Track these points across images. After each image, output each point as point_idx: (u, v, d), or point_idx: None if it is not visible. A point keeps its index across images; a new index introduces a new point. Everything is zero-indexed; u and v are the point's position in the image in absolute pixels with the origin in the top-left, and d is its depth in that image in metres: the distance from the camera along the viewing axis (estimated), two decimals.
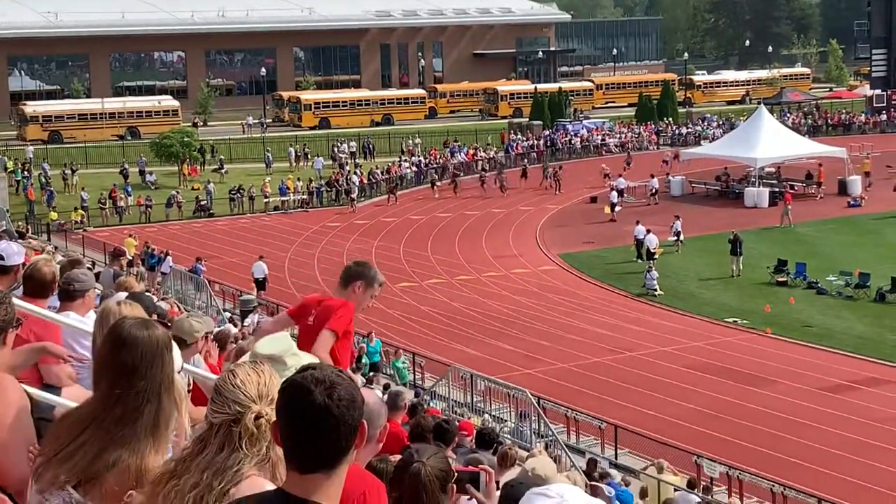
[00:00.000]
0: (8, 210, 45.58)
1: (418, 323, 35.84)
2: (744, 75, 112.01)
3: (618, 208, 54.33)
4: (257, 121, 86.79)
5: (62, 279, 6.56)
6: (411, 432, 9.13)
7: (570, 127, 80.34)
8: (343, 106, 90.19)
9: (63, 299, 6.53)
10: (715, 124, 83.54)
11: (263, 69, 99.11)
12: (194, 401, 5.50)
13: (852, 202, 56.33)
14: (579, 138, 78.17)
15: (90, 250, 44.35)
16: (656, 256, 42.79)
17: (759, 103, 72.90)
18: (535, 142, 76.31)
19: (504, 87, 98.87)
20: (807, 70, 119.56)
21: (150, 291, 14.98)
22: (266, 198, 59.45)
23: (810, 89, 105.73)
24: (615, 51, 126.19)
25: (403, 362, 28.79)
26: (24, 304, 5.42)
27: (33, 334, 5.47)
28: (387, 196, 60.93)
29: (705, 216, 53.31)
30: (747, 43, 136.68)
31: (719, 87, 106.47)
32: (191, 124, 79.93)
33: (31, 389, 4.41)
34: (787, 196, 53.39)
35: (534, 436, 22.90)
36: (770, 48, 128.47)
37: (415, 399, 18.20)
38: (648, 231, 43.91)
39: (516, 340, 33.88)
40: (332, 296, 6.96)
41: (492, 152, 72.33)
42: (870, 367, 31.22)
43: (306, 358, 5.17)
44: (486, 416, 24.26)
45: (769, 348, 33.01)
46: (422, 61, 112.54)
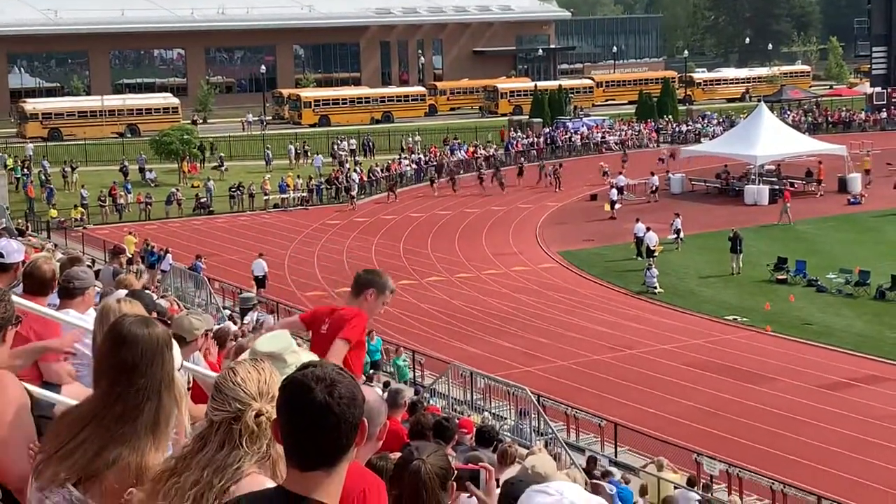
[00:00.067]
0: (8, 207, 45.54)
1: (418, 321, 35.83)
2: (744, 73, 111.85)
3: (618, 206, 54.31)
4: (257, 118, 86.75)
5: (62, 277, 6.56)
6: (411, 430, 9.14)
7: (570, 124, 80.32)
8: (343, 103, 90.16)
9: (63, 297, 6.53)
10: (715, 122, 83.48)
11: (263, 66, 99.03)
12: (194, 398, 5.50)
13: (852, 200, 56.32)
14: (579, 136, 78.12)
15: (90, 248, 44.34)
16: (656, 254, 42.77)
17: (759, 101, 72.83)
18: (535, 139, 76.30)
19: (504, 84, 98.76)
20: (807, 67, 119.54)
21: (149, 289, 14.97)
22: (266, 195, 59.42)
23: (810, 87, 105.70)
24: (615, 48, 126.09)
25: (404, 360, 28.79)
26: (24, 301, 5.42)
27: (33, 332, 5.47)
28: (386, 194, 60.94)
29: (705, 214, 53.29)
30: (747, 40, 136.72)
31: (719, 84, 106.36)
32: (190, 122, 79.93)
33: (31, 387, 4.41)
34: (786, 194, 53.38)
35: (534, 433, 22.90)
36: (770, 46, 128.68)
37: (415, 397, 18.19)
38: (648, 229, 43.88)
39: (516, 338, 33.87)
40: (344, 305, 7.03)
41: (491, 150, 72.30)
42: (869, 364, 31.22)
43: (306, 355, 5.17)
44: (486, 413, 24.25)
45: (769, 346, 33.01)
46: (422, 59, 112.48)
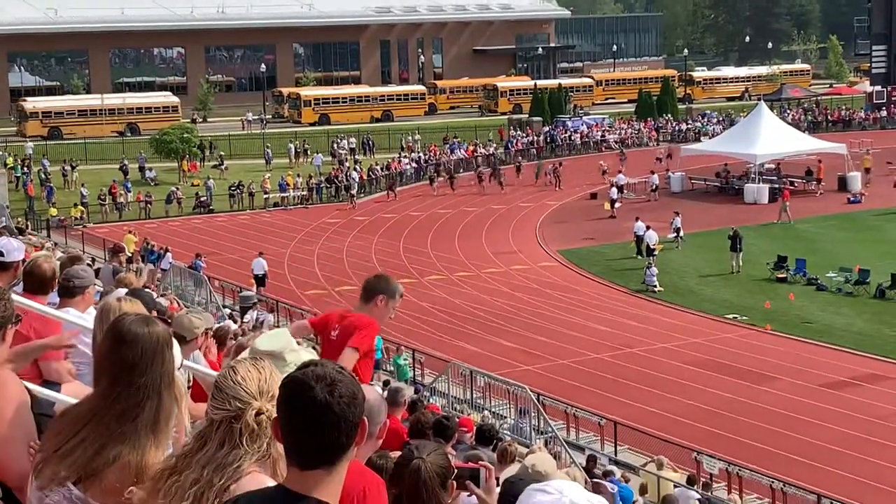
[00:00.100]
0: (8, 206, 45.52)
1: (418, 319, 35.80)
2: (744, 72, 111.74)
3: (617, 205, 54.33)
4: (257, 117, 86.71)
5: (62, 276, 6.56)
6: (411, 429, 9.14)
7: (569, 123, 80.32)
8: (343, 102, 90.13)
9: (63, 296, 6.54)
10: (715, 121, 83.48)
11: (263, 65, 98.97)
12: (194, 397, 5.51)
13: (852, 198, 56.33)
14: (579, 135, 78.15)
15: (90, 246, 44.38)
16: (656, 253, 42.76)
17: (758, 100, 72.88)
18: (535, 138, 76.28)
19: (504, 83, 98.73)
20: (807, 66, 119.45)
21: (148, 287, 14.96)
22: (266, 194, 59.43)
23: (810, 86, 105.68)
24: (615, 47, 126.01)
25: (405, 359, 28.77)
26: (24, 300, 5.43)
27: (33, 330, 5.47)
28: (386, 192, 60.93)
29: (705, 212, 53.29)
30: (747, 39, 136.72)
31: (719, 83, 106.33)
32: (190, 120, 79.91)
33: (31, 386, 4.41)
34: (785, 193, 53.36)
35: (533, 432, 22.87)
36: (770, 44, 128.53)
37: (414, 395, 18.18)
38: (648, 227, 43.87)
39: (516, 337, 33.88)
40: (355, 311, 7.02)
41: (491, 149, 72.27)
42: (869, 363, 31.21)
43: (305, 354, 5.17)
44: (486, 412, 24.25)
45: (769, 345, 33.01)
46: (421, 57, 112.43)
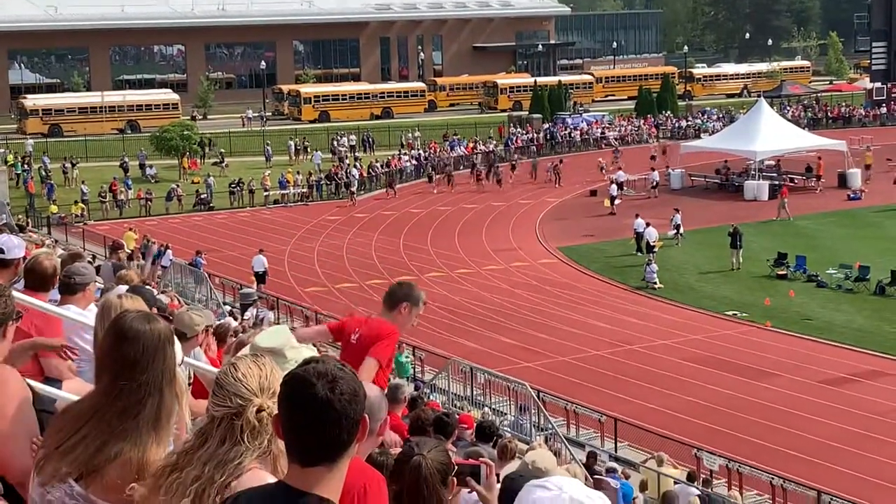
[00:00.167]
0: (8, 203, 45.54)
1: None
2: (743, 68, 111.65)
3: (617, 201, 54.33)
4: (257, 114, 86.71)
5: (63, 273, 6.57)
6: (411, 425, 9.14)
7: (569, 120, 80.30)
8: (343, 99, 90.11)
9: (64, 293, 6.54)
10: (715, 117, 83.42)
11: (263, 62, 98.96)
12: (195, 394, 5.52)
13: (852, 195, 56.28)
14: (579, 131, 78.13)
15: (90, 244, 44.38)
16: (656, 249, 42.76)
17: (758, 96, 72.82)
18: (535, 135, 76.24)
19: (504, 80, 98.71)
20: (806, 63, 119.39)
21: (149, 284, 14.98)
22: (266, 191, 59.41)
23: (810, 82, 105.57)
24: (615, 44, 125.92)
25: (407, 357, 28.74)
26: (25, 297, 5.43)
27: (34, 327, 5.49)
28: (385, 189, 60.92)
29: (705, 209, 53.27)
30: (747, 36, 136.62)
31: (719, 80, 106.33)
32: (190, 118, 79.89)
33: (32, 382, 4.42)
34: (783, 189, 53.34)
35: (533, 429, 22.87)
36: (770, 41, 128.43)
37: (415, 392, 18.20)
38: (648, 224, 43.87)
39: (516, 334, 33.88)
40: (376, 318, 7.01)
41: (491, 146, 72.23)
42: (870, 359, 31.18)
43: (306, 351, 5.19)
44: (486, 409, 24.27)
45: (769, 341, 32.99)
46: (421, 55, 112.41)
